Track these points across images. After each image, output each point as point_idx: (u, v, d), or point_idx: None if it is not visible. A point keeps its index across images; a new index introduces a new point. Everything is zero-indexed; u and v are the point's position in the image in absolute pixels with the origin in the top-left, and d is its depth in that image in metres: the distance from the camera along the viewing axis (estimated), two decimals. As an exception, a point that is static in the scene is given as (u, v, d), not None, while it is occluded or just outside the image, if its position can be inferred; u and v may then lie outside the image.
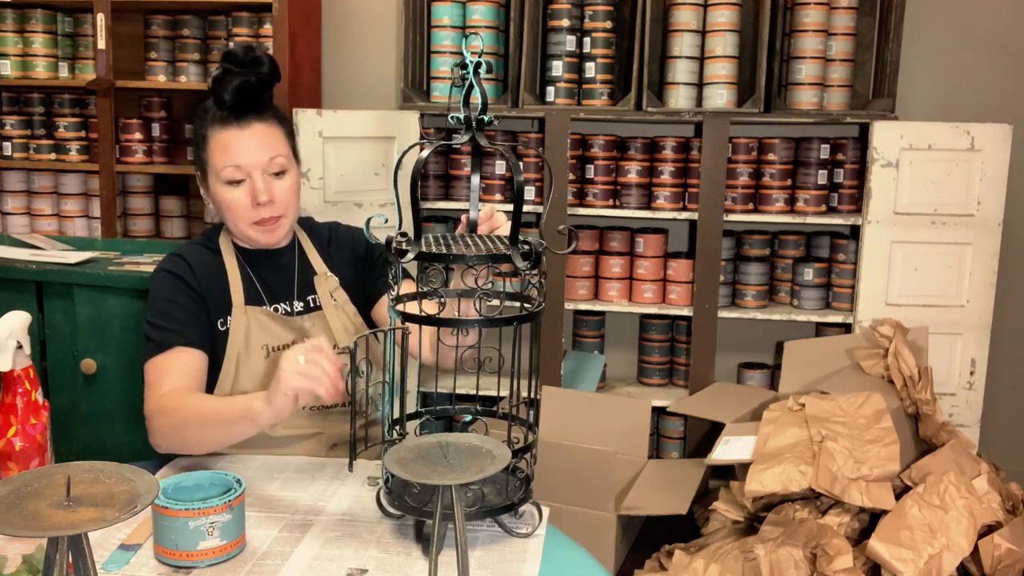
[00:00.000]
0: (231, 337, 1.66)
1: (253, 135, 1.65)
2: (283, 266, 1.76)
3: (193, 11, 3.28)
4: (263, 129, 1.66)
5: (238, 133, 1.64)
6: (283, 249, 1.76)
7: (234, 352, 1.66)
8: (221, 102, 1.65)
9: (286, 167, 1.68)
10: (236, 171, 1.64)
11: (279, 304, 1.73)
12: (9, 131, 3.39)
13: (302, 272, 1.76)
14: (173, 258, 1.72)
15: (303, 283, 1.76)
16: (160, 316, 1.64)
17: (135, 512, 0.84)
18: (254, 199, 1.64)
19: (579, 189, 3.18)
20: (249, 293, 1.70)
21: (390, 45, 3.47)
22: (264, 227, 1.67)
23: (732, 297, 3.20)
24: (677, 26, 3.05)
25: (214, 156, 1.65)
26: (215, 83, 1.64)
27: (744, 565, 2.27)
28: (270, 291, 1.73)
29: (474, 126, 1.30)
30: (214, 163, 1.65)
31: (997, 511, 2.29)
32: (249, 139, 1.64)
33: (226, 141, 1.64)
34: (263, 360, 1.67)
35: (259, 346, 1.67)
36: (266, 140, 1.66)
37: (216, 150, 1.65)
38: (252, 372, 1.67)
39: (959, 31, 3.25)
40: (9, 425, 1.39)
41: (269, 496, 1.41)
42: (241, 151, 1.63)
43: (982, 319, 2.96)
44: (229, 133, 1.64)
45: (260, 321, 1.68)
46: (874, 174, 2.92)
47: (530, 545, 1.26)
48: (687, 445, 3.26)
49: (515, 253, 1.22)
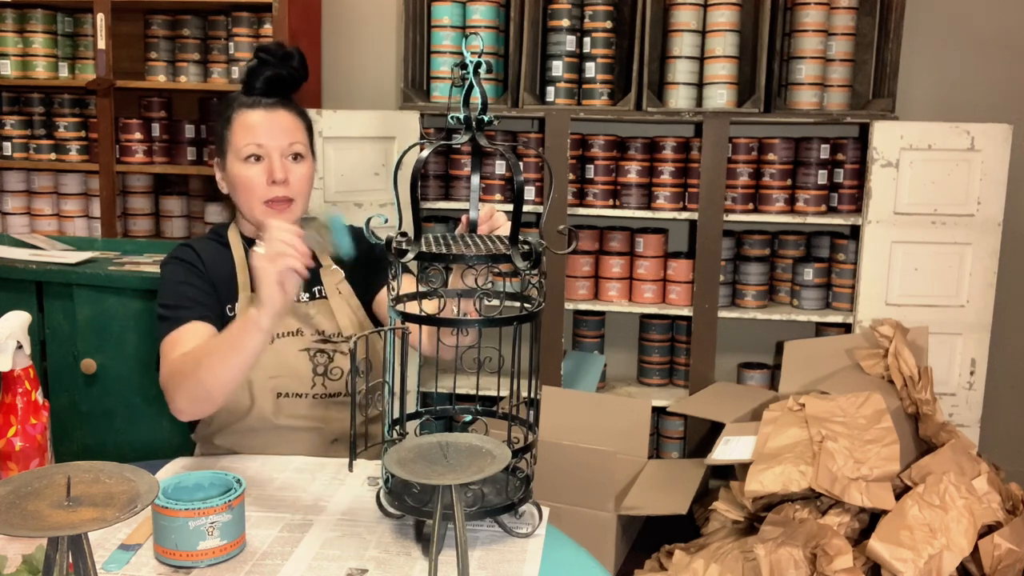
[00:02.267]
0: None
1: (277, 119, 1.71)
2: None
3: (193, 11, 3.28)
4: (287, 116, 1.72)
5: (263, 114, 1.70)
6: None
7: None
8: (251, 89, 1.72)
9: (304, 154, 1.73)
10: (257, 148, 1.69)
11: None
12: (9, 131, 3.39)
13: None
14: (182, 248, 1.76)
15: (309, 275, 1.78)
16: (172, 297, 1.66)
17: (135, 512, 0.84)
18: (270, 176, 1.68)
19: (579, 189, 3.18)
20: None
21: (390, 45, 3.47)
22: (275, 208, 1.70)
23: (732, 297, 3.20)
24: (677, 26, 3.05)
25: (236, 134, 1.70)
26: (249, 73, 1.72)
27: (744, 565, 2.27)
28: None
29: (474, 126, 1.30)
30: (235, 141, 1.70)
31: (997, 511, 2.29)
32: (273, 122, 1.70)
33: (250, 120, 1.70)
34: (267, 345, 1.68)
35: None
36: (288, 126, 1.71)
37: (239, 128, 1.70)
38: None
39: (959, 31, 3.25)
40: (9, 425, 1.39)
41: (269, 496, 1.41)
42: (264, 131, 1.69)
43: (982, 319, 2.96)
44: (254, 113, 1.70)
45: None
46: (874, 174, 2.92)
47: (530, 545, 1.26)
48: (687, 445, 3.26)
49: (515, 253, 1.22)
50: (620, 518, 2.64)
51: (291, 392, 1.71)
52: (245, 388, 1.69)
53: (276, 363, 1.69)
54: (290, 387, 1.70)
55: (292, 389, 1.71)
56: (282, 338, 1.70)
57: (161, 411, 2.73)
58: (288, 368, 1.70)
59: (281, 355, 1.70)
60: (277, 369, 1.69)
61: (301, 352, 1.71)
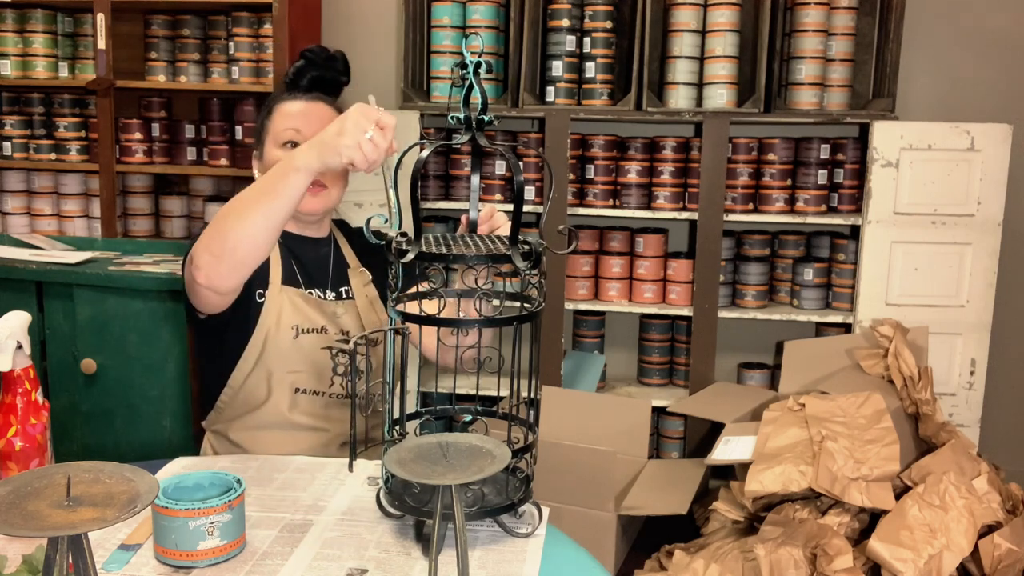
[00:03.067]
0: (264, 312, 1.69)
1: (316, 109, 1.75)
2: (320, 255, 1.81)
3: (193, 11, 3.28)
4: (326, 108, 1.76)
5: (304, 104, 1.75)
6: (321, 240, 1.82)
7: (264, 327, 1.69)
8: (296, 87, 1.79)
9: None
10: (295, 134, 1.71)
11: (314, 289, 1.76)
12: (9, 131, 3.39)
13: (337, 264, 1.82)
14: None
15: (338, 274, 1.81)
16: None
17: (135, 512, 0.84)
18: None
19: (579, 189, 3.18)
20: (287, 273, 1.74)
21: (390, 45, 3.47)
22: (310, 192, 1.69)
23: (732, 297, 3.20)
24: (677, 26, 3.05)
25: (276, 122, 1.74)
26: (296, 72, 1.79)
27: (744, 565, 2.27)
28: (307, 275, 1.77)
29: (474, 126, 1.30)
30: (275, 127, 1.74)
31: (997, 511, 2.29)
32: (312, 111, 1.74)
33: (291, 109, 1.74)
34: (291, 339, 1.70)
35: (289, 326, 1.70)
36: (326, 117, 1.73)
37: (279, 115, 1.74)
38: (279, 350, 1.69)
39: (959, 31, 3.25)
40: (9, 425, 1.39)
41: (269, 496, 1.41)
42: (303, 119, 1.72)
43: (982, 319, 2.96)
44: (296, 103, 1.75)
45: (294, 302, 1.71)
46: (874, 174, 2.92)
47: (530, 545, 1.26)
48: (687, 445, 3.26)
49: (515, 253, 1.22)
50: (620, 518, 2.64)
51: (309, 389, 1.71)
52: (263, 379, 1.69)
53: (298, 358, 1.70)
54: (309, 384, 1.71)
55: (310, 386, 1.71)
56: (306, 334, 1.71)
57: (161, 411, 2.74)
58: (309, 364, 1.71)
59: (304, 350, 1.70)
60: (298, 364, 1.70)
61: (323, 350, 1.71)
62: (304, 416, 1.71)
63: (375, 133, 1.37)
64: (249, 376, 1.70)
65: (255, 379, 1.70)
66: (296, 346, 1.69)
